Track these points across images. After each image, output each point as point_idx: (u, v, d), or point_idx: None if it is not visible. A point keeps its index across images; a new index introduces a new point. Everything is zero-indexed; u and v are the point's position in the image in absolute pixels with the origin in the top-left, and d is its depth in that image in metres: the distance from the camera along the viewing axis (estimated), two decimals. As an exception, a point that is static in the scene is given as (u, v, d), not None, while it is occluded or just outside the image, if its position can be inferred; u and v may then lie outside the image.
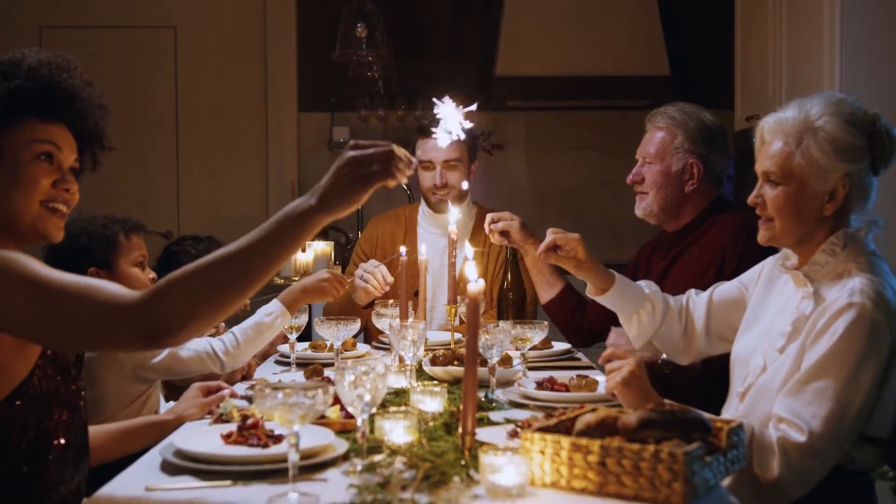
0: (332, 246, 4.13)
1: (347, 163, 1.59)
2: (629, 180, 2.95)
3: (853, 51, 3.73)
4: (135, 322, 1.50)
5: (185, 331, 1.51)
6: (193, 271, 1.52)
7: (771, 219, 2.04)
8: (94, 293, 1.52)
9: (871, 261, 1.96)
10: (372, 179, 1.59)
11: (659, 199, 2.89)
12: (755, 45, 4.65)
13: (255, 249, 1.53)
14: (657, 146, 2.90)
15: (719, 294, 2.37)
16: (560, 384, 2.33)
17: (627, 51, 5.38)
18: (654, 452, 1.47)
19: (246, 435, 1.84)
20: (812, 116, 1.98)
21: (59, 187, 1.74)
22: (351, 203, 1.59)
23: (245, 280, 1.53)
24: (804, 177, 1.98)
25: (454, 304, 2.77)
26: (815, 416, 1.82)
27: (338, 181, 1.58)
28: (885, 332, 1.85)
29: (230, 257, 1.53)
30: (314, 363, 2.66)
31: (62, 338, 1.57)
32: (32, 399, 1.67)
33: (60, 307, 1.51)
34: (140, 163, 5.69)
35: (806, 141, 1.97)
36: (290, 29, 5.75)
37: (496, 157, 5.78)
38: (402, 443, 1.77)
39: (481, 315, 1.90)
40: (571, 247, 2.40)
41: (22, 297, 1.52)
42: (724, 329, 2.34)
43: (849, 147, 1.95)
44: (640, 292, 2.43)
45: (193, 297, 1.51)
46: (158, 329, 1.50)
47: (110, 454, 2.29)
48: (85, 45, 5.69)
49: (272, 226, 1.55)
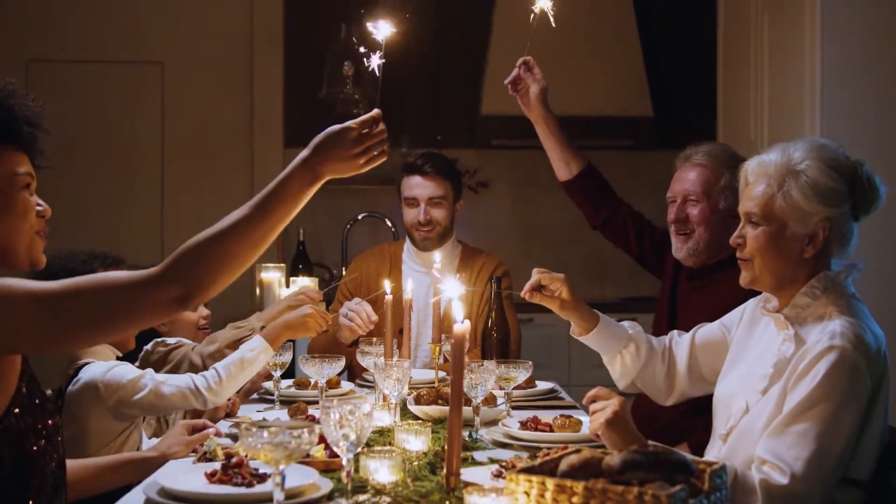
0: (316, 282, 4.12)
1: (353, 142, 1.76)
2: (671, 219, 2.87)
3: (833, 91, 3.79)
4: (160, 291, 1.58)
5: (207, 292, 1.63)
6: (205, 240, 1.62)
7: (750, 259, 2.07)
8: (110, 279, 1.59)
9: (852, 303, 1.98)
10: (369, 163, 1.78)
11: (706, 238, 2.82)
12: (737, 88, 4.71)
13: (260, 216, 1.66)
14: (702, 184, 2.83)
15: (701, 336, 2.38)
16: (544, 424, 2.33)
17: (611, 92, 5.44)
18: (637, 494, 1.47)
19: (230, 474, 1.83)
20: (795, 160, 2.01)
21: (39, 214, 1.80)
22: (346, 174, 1.77)
23: (254, 246, 1.66)
24: (785, 218, 2.01)
25: (438, 342, 2.77)
26: (797, 458, 1.83)
27: (339, 158, 1.74)
28: (866, 374, 1.87)
29: (240, 222, 1.64)
30: (298, 401, 2.65)
31: (90, 330, 1.61)
32: (9, 433, 1.66)
33: (77, 303, 1.56)
34: (124, 196, 5.68)
35: (788, 183, 2.00)
36: (276, 65, 5.77)
37: (481, 196, 5.81)
38: (387, 482, 1.77)
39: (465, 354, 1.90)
40: (556, 286, 2.40)
41: (27, 315, 1.54)
42: (706, 370, 2.35)
43: (830, 191, 1.98)
44: (624, 333, 2.43)
45: (209, 261, 1.61)
46: (183, 294, 1.59)
47: (90, 489, 2.28)
48: (72, 79, 5.71)
49: (273, 192, 1.68)
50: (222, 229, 1.63)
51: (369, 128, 1.78)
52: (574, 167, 3.08)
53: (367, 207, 5.47)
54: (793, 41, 4.05)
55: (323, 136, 1.76)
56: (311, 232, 5.54)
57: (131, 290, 1.58)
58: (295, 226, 5.38)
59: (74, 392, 2.46)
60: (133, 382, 2.43)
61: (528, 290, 2.41)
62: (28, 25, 5.70)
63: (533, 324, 5.20)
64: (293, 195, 1.70)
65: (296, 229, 5.29)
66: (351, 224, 5.37)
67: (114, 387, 2.43)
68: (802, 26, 3.93)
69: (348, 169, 1.77)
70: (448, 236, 3.61)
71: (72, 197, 5.60)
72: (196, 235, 1.64)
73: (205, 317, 2.66)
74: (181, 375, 2.51)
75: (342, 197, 5.80)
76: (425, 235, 3.55)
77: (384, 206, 5.41)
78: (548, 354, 5.11)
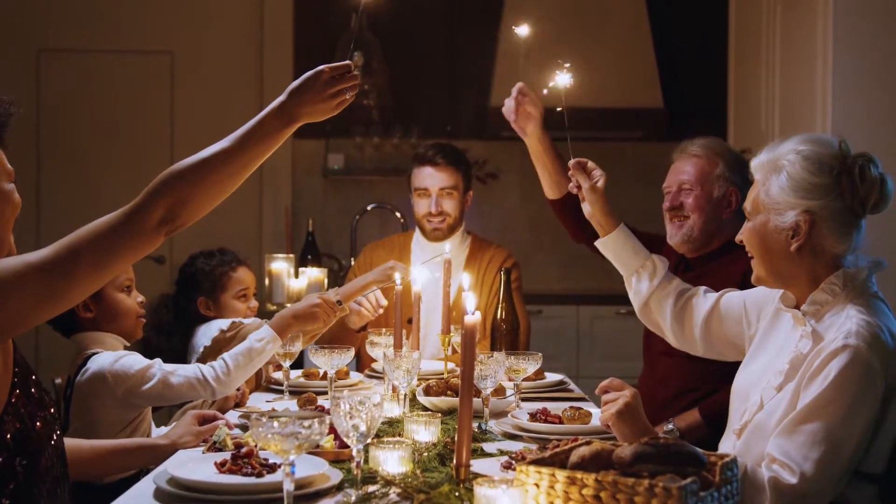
0: (325, 273, 4.12)
1: (325, 84, 1.84)
2: (667, 206, 2.94)
3: (844, 84, 3.77)
4: (144, 216, 1.66)
5: (188, 213, 1.72)
6: (185, 167, 1.73)
7: (752, 256, 2.09)
8: (96, 225, 1.64)
9: (872, 302, 1.96)
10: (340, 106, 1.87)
11: (700, 224, 2.88)
12: (748, 79, 4.69)
13: (239, 150, 1.78)
14: (697, 173, 2.90)
15: (726, 302, 2.36)
16: (553, 416, 2.33)
17: (622, 83, 5.42)
18: (648, 487, 1.47)
19: (240, 464, 1.83)
20: (780, 155, 2.01)
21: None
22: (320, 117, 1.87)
23: (232, 176, 1.78)
24: (767, 212, 2.02)
25: (447, 333, 2.77)
26: (807, 458, 1.82)
27: (313, 101, 1.84)
28: (880, 375, 1.85)
29: (220, 153, 1.76)
30: (307, 391, 2.65)
31: (96, 275, 1.65)
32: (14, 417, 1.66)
33: (76, 258, 1.60)
34: (134, 186, 5.65)
35: (770, 178, 2.01)
36: (286, 55, 5.77)
37: (490, 186, 5.81)
38: (397, 473, 1.77)
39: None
40: (598, 174, 2.46)
41: (36, 285, 1.58)
42: (719, 334, 2.35)
43: (807, 185, 1.97)
44: (645, 252, 2.46)
45: (189, 185, 1.71)
46: (166, 215, 1.68)
47: (97, 471, 2.28)
48: (82, 68, 5.72)
49: (251, 131, 1.80)
50: (202, 158, 1.74)
51: (341, 73, 1.86)
52: (564, 186, 3.10)
53: (376, 198, 5.47)
54: (805, 33, 4.03)
55: (297, 81, 1.85)
56: (320, 223, 5.54)
57: (119, 226, 1.65)
58: (304, 216, 5.38)
59: (83, 382, 2.46)
60: (141, 372, 2.44)
61: (573, 164, 2.47)
62: (39, 15, 5.71)
63: (542, 315, 5.20)
64: (269, 136, 1.81)
65: (305, 220, 5.29)
66: (360, 215, 5.37)
67: (122, 377, 2.43)
68: (815, 19, 3.91)
69: (322, 111, 1.87)
70: (458, 227, 3.62)
71: (80, 186, 5.61)
72: (174, 164, 1.73)
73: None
74: (190, 366, 2.51)
75: (351, 188, 5.80)
76: (436, 226, 3.55)
77: (393, 197, 5.41)
78: (556, 346, 5.12)
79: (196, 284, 3.14)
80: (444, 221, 3.55)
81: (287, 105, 1.83)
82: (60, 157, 5.73)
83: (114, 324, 2.59)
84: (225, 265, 3.15)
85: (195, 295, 3.13)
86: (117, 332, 2.60)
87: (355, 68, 1.87)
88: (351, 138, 5.72)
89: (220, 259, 3.17)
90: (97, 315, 2.56)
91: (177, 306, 3.15)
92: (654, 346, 2.98)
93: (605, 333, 5.35)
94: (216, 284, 3.11)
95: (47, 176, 5.72)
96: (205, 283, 3.12)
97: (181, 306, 3.14)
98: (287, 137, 1.85)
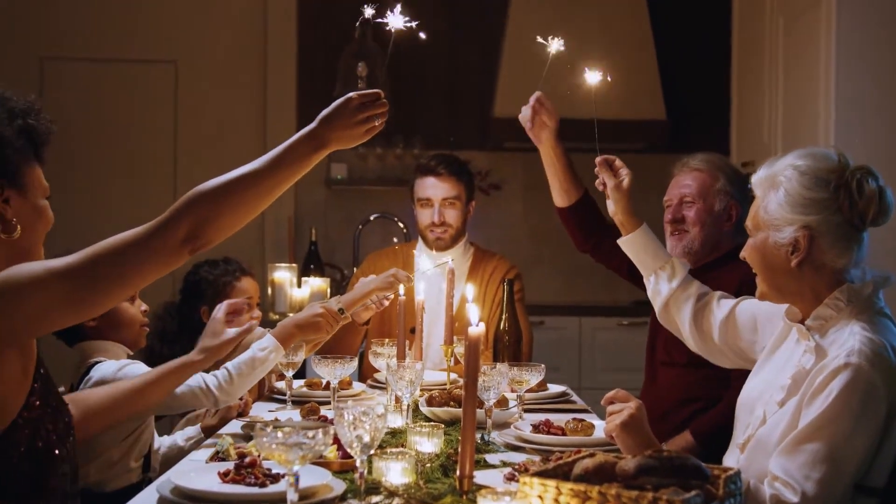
0: (328, 282, 4.12)
1: (354, 111, 1.86)
2: (668, 219, 2.97)
3: (847, 96, 3.78)
4: (168, 233, 1.67)
5: (213, 232, 1.71)
6: (213, 187, 1.72)
7: (755, 273, 2.08)
8: (121, 238, 1.67)
9: (876, 319, 1.95)
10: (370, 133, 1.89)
11: (701, 237, 2.92)
12: (751, 91, 4.70)
13: (268, 172, 1.77)
14: (698, 187, 2.94)
15: (741, 310, 2.34)
16: (556, 427, 2.33)
17: (624, 95, 5.42)
18: (651, 500, 1.47)
19: (243, 474, 1.83)
20: (776, 171, 2.02)
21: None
22: (349, 143, 1.89)
23: (259, 197, 1.77)
24: (766, 229, 2.02)
25: (450, 343, 2.77)
26: (808, 477, 1.81)
27: (343, 127, 1.85)
28: (882, 392, 1.84)
29: (249, 175, 1.75)
30: (310, 401, 2.65)
31: (116, 289, 1.68)
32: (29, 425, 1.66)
33: (98, 269, 1.63)
34: (137, 194, 5.69)
35: (769, 195, 2.01)
36: (290, 64, 5.79)
37: (493, 197, 5.81)
38: (400, 484, 1.77)
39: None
40: (625, 172, 2.54)
41: (58, 292, 1.60)
42: (733, 342, 2.34)
43: (804, 200, 1.96)
44: (666, 254, 2.49)
45: (215, 205, 1.71)
46: (190, 233, 1.68)
47: (144, 404, 2.29)
48: (86, 77, 5.73)
49: (281, 155, 1.80)
50: (231, 178, 1.74)
51: (370, 100, 1.89)
52: (573, 195, 3.12)
53: (379, 208, 5.47)
54: (808, 45, 4.04)
55: (328, 108, 1.87)
56: (323, 232, 5.55)
57: (143, 240, 1.67)
58: (307, 226, 5.39)
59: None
60: (145, 381, 2.43)
61: (600, 161, 2.56)
62: (42, 23, 5.72)
63: (544, 327, 5.20)
64: (299, 160, 1.82)
65: (308, 229, 5.30)
66: (363, 225, 5.38)
67: (125, 385, 2.43)
68: (818, 31, 3.92)
69: (352, 138, 1.88)
70: (461, 237, 3.62)
71: (84, 195, 5.61)
72: (202, 183, 1.73)
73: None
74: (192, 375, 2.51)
75: (354, 198, 5.81)
76: (439, 236, 3.56)
77: (396, 207, 5.41)
78: (559, 357, 5.11)
79: (200, 293, 3.15)
80: (446, 232, 3.56)
81: (317, 131, 1.84)
82: (63, 166, 5.73)
83: (117, 333, 2.60)
84: (228, 275, 3.17)
85: (199, 304, 3.14)
86: (121, 340, 2.61)
87: (362, 80, 1.89)
88: (354, 148, 5.71)
89: (223, 268, 3.19)
90: (101, 324, 2.56)
91: (180, 315, 3.16)
92: (655, 356, 2.98)
93: (607, 344, 5.35)
94: (220, 293, 3.12)
95: (50, 184, 5.70)
96: (208, 292, 3.13)
97: (185, 315, 3.15)
98: (317, 163, 1.87)
